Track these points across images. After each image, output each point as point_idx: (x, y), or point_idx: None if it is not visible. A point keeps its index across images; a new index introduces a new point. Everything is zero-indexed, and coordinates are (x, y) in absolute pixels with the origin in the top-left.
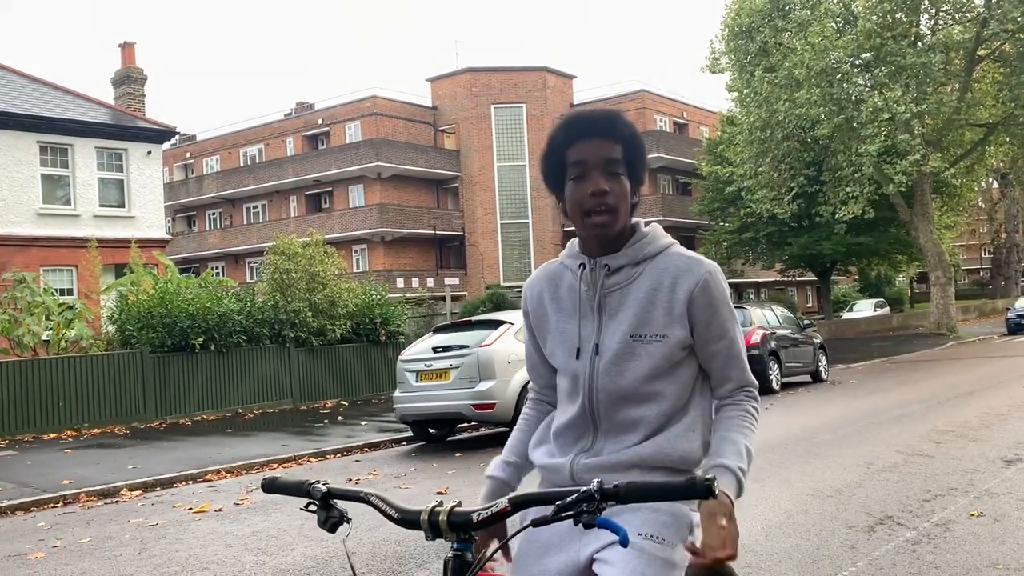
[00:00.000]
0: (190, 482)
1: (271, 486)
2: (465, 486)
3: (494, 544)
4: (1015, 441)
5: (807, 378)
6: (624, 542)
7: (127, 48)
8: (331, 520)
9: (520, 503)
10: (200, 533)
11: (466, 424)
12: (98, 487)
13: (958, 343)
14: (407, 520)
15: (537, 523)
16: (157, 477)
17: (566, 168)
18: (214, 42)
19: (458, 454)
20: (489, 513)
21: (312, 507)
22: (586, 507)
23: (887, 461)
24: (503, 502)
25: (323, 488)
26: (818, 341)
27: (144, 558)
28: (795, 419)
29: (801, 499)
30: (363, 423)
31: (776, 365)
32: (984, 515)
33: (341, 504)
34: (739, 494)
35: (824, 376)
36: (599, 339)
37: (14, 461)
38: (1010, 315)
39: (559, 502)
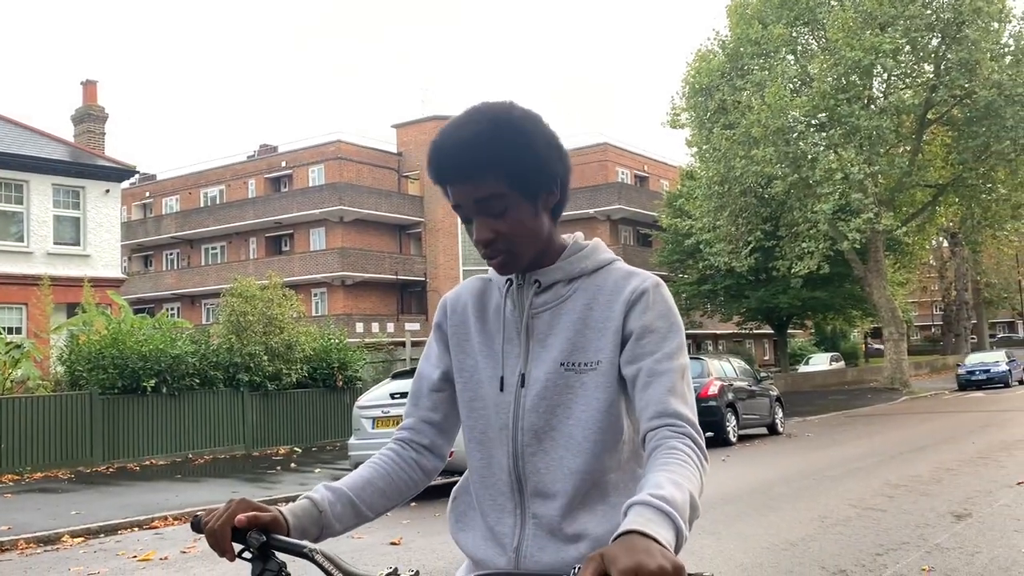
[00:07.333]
0: (135, 529)
1: (201, 526)
2: (419, 536)
3: None
4: (965, 496)
5: (764, 430)
6: None
7: (89, 86)
8: (267, 574)
9: None
10: None
11: None
12: (38, 533)
13: (911, 398)
14: None
15: None
16: (101, 524)
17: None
18: (178, 82)
19: (413, 504)
20: None
21: (247, 555)
22: None
23: (841, 515)
24: None
25: (261, 537)
26: (774, 394)
27: None
28: (751, 471)
29: (757, 552)
30: (316, 470)
31: (733, 417)
32: (934, 570)
33: (281, 557)
34: (677, 537)
35: (780, 429)
36: (525, 369)
37: None
38: (961, 371)
39: None
